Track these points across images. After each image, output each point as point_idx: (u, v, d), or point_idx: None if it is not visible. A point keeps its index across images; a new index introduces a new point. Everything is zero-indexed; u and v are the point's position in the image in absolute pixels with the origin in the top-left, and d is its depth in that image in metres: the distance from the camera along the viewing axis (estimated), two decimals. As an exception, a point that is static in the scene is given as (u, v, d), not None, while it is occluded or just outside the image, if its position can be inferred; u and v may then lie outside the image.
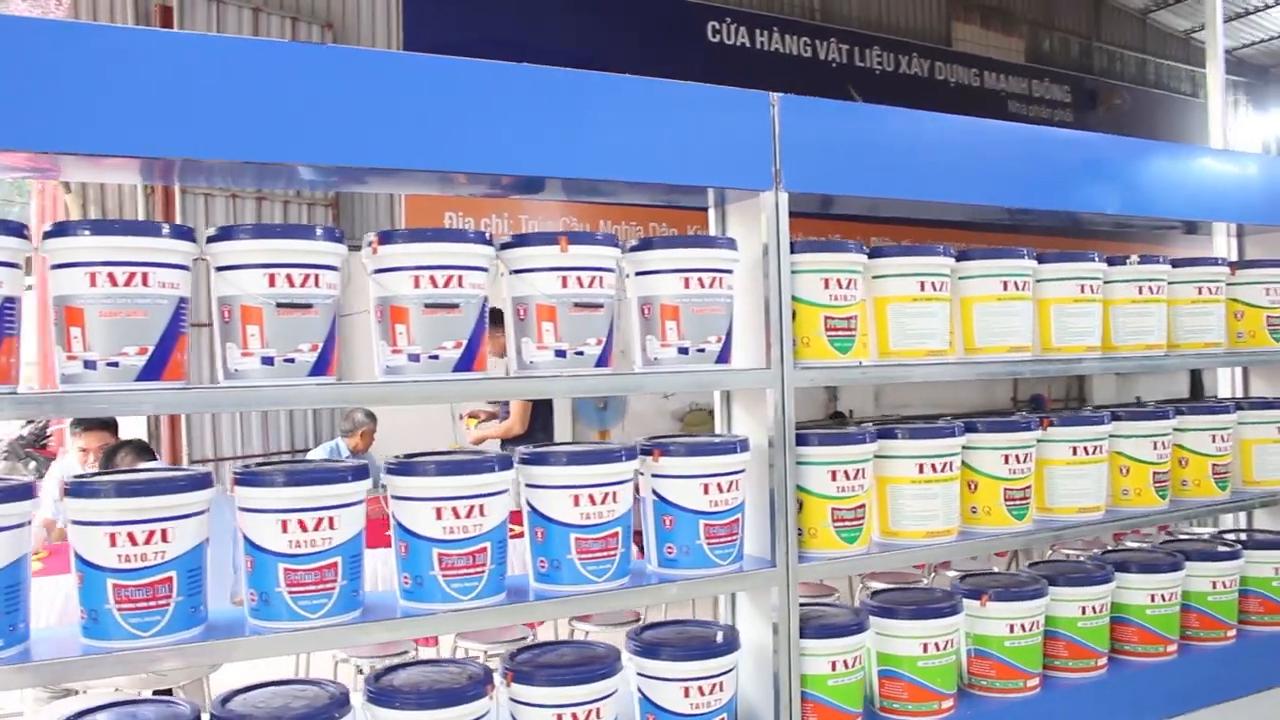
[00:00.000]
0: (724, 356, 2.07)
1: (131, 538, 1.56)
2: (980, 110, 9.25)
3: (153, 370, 1.58)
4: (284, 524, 1.67)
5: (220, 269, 1.68)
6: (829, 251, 2.20)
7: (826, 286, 2.20)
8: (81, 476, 1.62)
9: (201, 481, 1.66)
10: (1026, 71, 10.19)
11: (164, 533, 1.58)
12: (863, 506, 2.23)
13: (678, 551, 2.05)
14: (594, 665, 1.93)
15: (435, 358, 1.79)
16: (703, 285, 2.03)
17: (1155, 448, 2.70)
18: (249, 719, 1.65)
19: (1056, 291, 2.58)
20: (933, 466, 2.32)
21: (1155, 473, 2.71)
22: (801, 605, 2.33)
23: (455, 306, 1.80)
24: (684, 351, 2.03)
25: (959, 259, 2.45)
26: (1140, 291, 2.70)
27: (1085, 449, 2.58)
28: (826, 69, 8.79)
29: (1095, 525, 2.62)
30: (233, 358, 1.68)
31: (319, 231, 1.74)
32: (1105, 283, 2.67)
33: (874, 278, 2.35)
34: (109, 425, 3.99)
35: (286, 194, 6.60)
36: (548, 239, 1.90)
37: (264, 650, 1.64)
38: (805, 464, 2.20)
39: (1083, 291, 2.58)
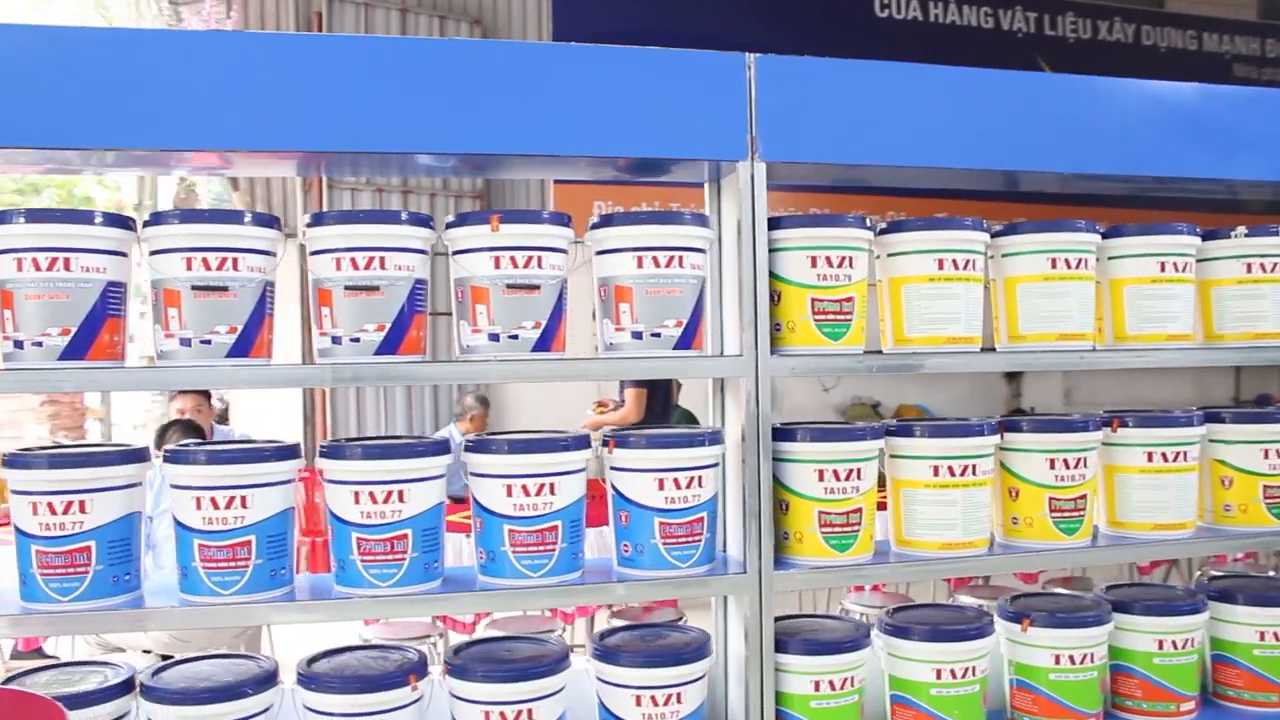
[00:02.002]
0: (686, 341, 1.92)
1: (51, 507, 1.65)
2: (1200, 78, 8.21)
3: (76, 350, 1.66)
4: (198, 500, 1.71)
5: (150, 254, 1.74)
6: (817, 226, 1.99)
7: (814, 265, 1.98)
8: (24, 449, 1.73)
9: (129, 456, 1.73)
10: (1259, 30, 8.84)
11: (82, 504, 1.66)
12: (858, 511, 2.00)
13: (633, 550, 1.92)
14: (529, 664, 1.85)
15: (356, 340, 1.77)
16: (658, 265, 1.89)
17: (1266, 456, 2.25)
18: (165, 689, 1.70)
19: (1131, 271, 2.20)
20: (950, 469, 2.04)
21: (1267, 486, 2.25)
22: (791, 618, 2.14)
23: (376, 289, 1.77)
24: (638, 336, 1.90)
25: (998, 234, 2.15)
26: (1249, 270, 2.25)
27: (1164, 455, 2.18)
28: (1011, 41, 8.03)
29: (1177, 544, 2.21)
30: (158, 339, 1.73)
31: (248, 217, 1.76)
32: (1200, 260, 2.26)
33: (888, 256, 2.10)
34: (200, 389, 4.28)
35: (433, 185, 6.83)
36: (481, 218, 1.83)
37: (176, 621, 1.69)
38: (789, 461, 2.00)
39: (1163, 270, 2.18)
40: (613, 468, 1.95)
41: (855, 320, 2.01)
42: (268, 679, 1.77)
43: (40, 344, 1.65)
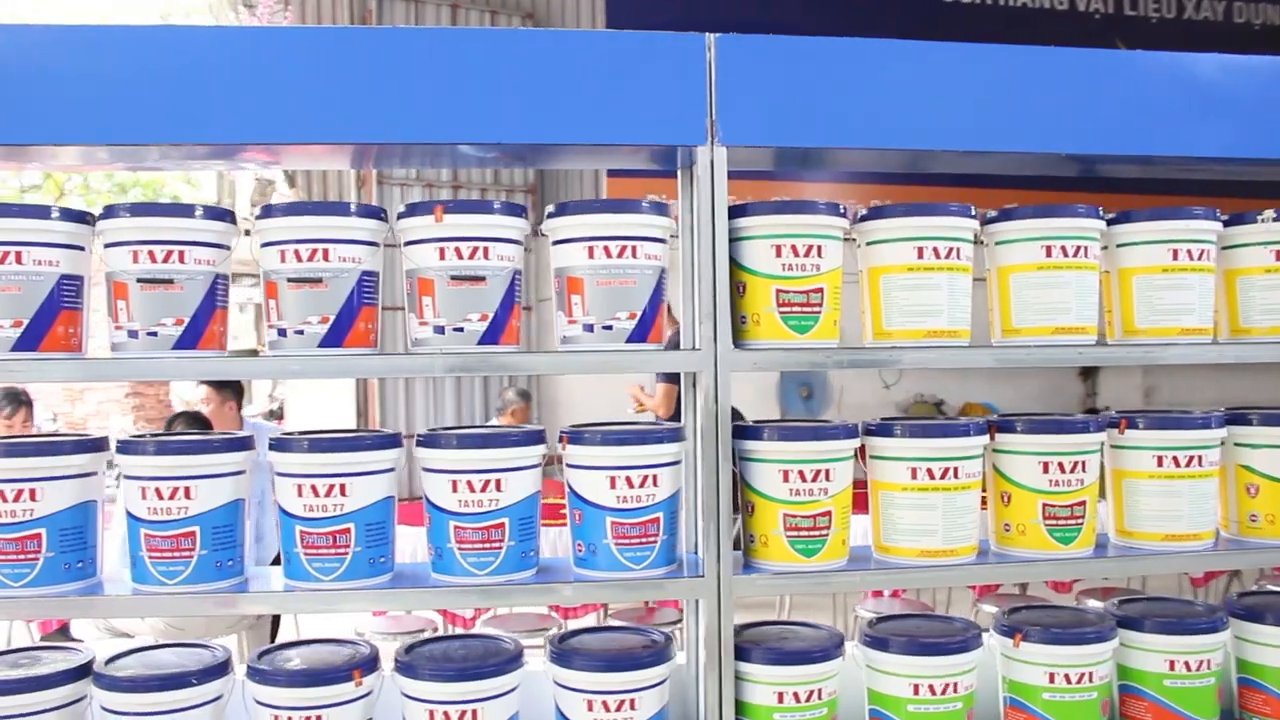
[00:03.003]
0: (641, 335, 1.85)
1: (1, 495, 1.69)
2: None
3: (29, 341, 1.70)
4: (143, 490, 1.73)
5: (104, 247, 1.77)
6: (781, 214, 1.89)
7: (779, 254, 1.89)
8: (-8, 439, 1.79)
9: (82, 446, 1.76)
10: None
11: (33, 492, 1.70)
12: (826, 514, 1.90)
13: (586, 550, 1.86)
14: (475, 664, 1.81)
15: (301, 333, 1.76)
16: (609, 255, 1.83)
17: (1296, 463, 2.05)
18: (113, 676, 1.72)
19: (1140, 259, 2.03)
20: (929, 472, 1.92)
21: (1297, 496, 2.05)
22: (765, 624, 2.05)
23: (319, 281, 1.76)
24: (590, 329, 1.84)
25: (990, 221, 2.01)
26: (1277, 258, 2.06)
27: (1176, 460, 2.01)
28: (1088, 22, 7.57)
29: (1191, 557, 2.03)
30: (110, 331, 1.76)
31: (198, 211, 1.77)
32: (1224, 248, 2.07)
33: (866, 244, 1.99)
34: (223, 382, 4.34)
35: (484, 181, 6.86)
36: (427, 209, 1.80)
37: (123, 609, 1.71)
38: (754, 460, 1.92)
39: (1176, 258, 2.00)
40: (567, 464, 1.90)
41: (826, 313, 1.91)
42: (218, 669, 1.78)
43: (-8, 336, 1.69)
